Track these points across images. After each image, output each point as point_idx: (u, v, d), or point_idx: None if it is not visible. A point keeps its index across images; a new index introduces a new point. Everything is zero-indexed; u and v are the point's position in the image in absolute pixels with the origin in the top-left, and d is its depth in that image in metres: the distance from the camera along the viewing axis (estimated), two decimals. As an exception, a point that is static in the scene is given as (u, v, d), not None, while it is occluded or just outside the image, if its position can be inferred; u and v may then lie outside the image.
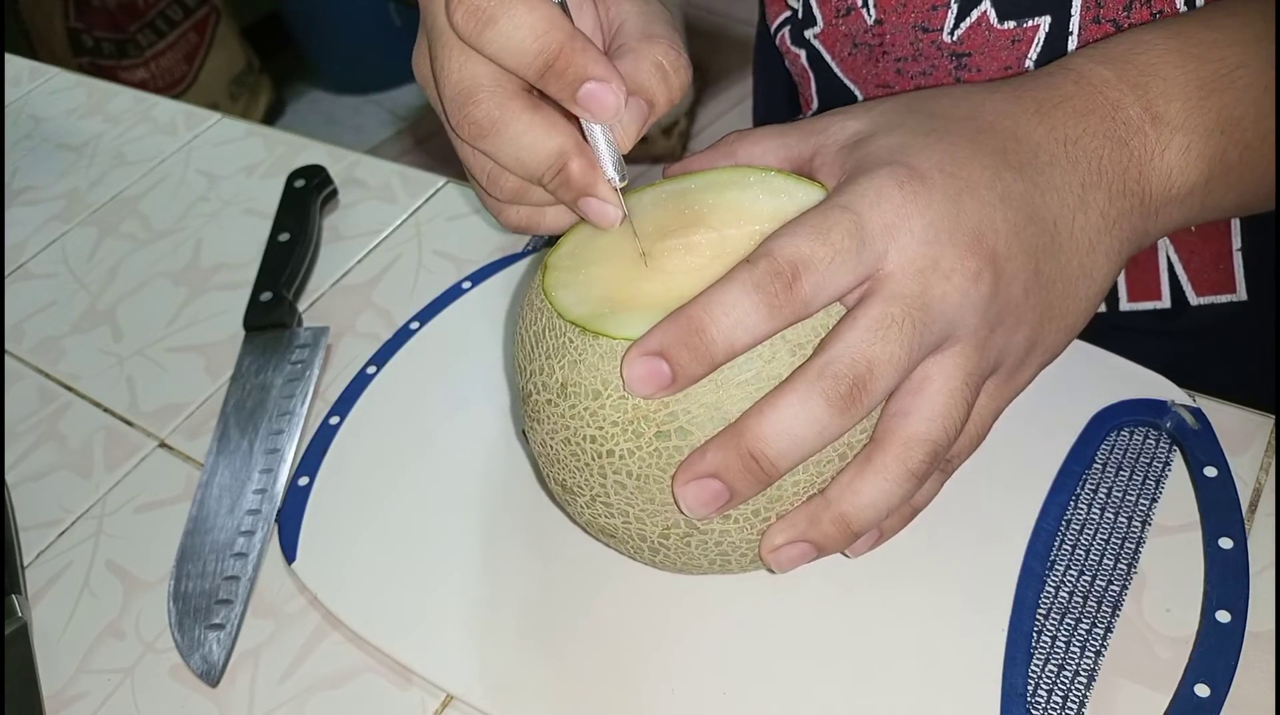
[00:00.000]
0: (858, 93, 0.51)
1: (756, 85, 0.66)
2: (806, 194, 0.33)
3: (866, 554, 0.35)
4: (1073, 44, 0.43)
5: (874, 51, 0.48)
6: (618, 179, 0.33)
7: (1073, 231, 0.33)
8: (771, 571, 0.34)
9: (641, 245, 0.33)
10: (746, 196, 0.34)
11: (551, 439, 0.33)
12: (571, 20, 0.32)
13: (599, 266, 0.33)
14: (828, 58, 0.51)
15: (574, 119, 0.33)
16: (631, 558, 0.35)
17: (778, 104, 0.61)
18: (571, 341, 0.32)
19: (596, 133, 0.32)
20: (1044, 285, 0.32)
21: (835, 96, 0.52)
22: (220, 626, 0.42)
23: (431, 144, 2.12)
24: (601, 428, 0.31)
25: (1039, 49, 0.44)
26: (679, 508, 0.31)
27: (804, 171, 0.35)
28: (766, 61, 0.61)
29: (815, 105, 0.54)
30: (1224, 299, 0.49)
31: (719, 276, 0.30)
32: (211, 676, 0.41)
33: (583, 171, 0.32)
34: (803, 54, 0.53)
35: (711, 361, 0.29)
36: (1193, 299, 0.49)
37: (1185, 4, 0.41)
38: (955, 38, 0.45)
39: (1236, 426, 0.40)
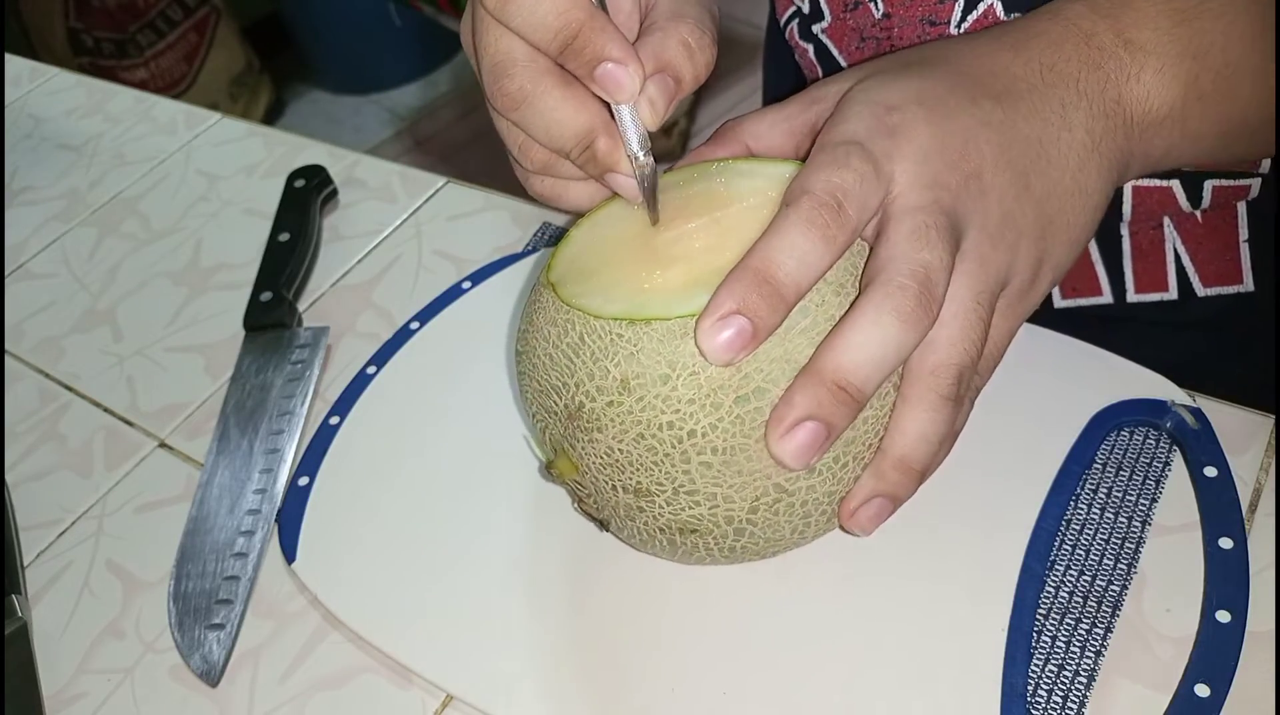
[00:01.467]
0: None
1: (766, 80, 0.66)
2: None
3: (866, 554, 0.35)
4: None
5: (881, 45, 0.48)
6: (641, 155, 0.33)
7: (1059, 148, 0.34)
8: (857, 535, 0.34)
9: (658, 215, 0.34)
10: (746, 181, 0.34)
11: (619, 442, 0.32)
12: (602, 1, 0.32)
13: (608, 271, 0.34)
14: (835, 52, 0.51)
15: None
16: (705, 558, 0.35)
17: (788, 98, 0.61)
18: (621, 336, 0.31)
19: (622, 110, 0.33)
20: (1039, 199, 0.34)
21: None
22: (220, 626, 0.42)
23: (431, 144, 2.12)
24: (678, 410, 0.31)
25: None
26: (781, 462, 0.31)
27: (810, 140, 0.36)
28: (776, 57, 0.61)
29: None
30: (1231, 290, 0.49)
31: (737, 247, 0.31)
32: (211, 676, 0.41)
33: (608, 149, 0.33)
34: (810, 48, 0.53)
35: (786, 304, 0.30)
36: (1200, 290, 0.49)
37: None
38: (962, 31, 0.46)
39: (1236, 426, 0.40)
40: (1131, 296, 0.50)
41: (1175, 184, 0.47)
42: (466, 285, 0.53)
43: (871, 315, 0.30)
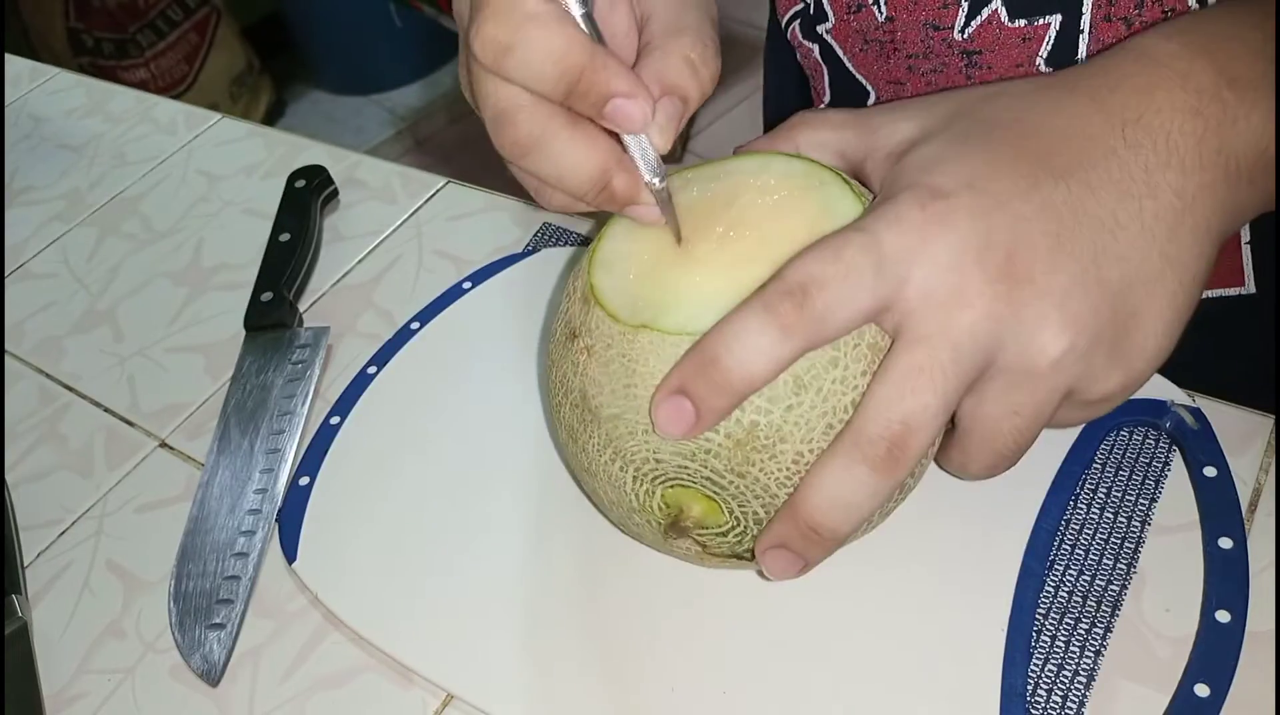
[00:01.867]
0: (870, 88, 0.51)
1: (767, 78, 0.66)
2: (850, 207, 0.33)
3: (865, 554, 0.36)
4: (1084, 42, 0.43)
5: (885, 48, 0.48)
6: (656, 182, 0.33)
7: (1142, 221, 0.30)
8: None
9: (680, 231, 0.34)
10: (794, 200, 0.33)
11: (808, 443, 0.31)
12: (596, 30, 0.31)
13: (671, 290, 0.33)
14: (840, 53, 0.51)
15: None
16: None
17: (789, 97, 0.61)
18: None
19: (629, 140, 0.32)
20: (1117, 293, 0.30)
21: (848, 90, 0.52)
22: (221, 626, 0.42)
23: (431, 144, 2.13)
24: (855, 385, 0.31)
25: (1050, 47, 0.44)
26: (763, 574, 0.32)
27: (856, 171, 0.35)
28: (778, 55, 0.60)
29: (828, 98, 0.54)
30: (1232, 292, 0.49)
31: (728, 281, 0.31)
32: (212, 676, 0.41)
33: (626, 187, 0.33)
34: (815, 48, 0.53)
35: (732, 392, 0.29)
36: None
37: (1198, 2, 0.41)
38: (966, 35, 0.45)
39: (1236, 426, 0.40)
40: None
41: None
42: (467, 285, 0.53)
43: (843, 460, 0.29)
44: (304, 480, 0.46)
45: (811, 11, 0.52)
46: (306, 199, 0.59)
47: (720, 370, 0.29)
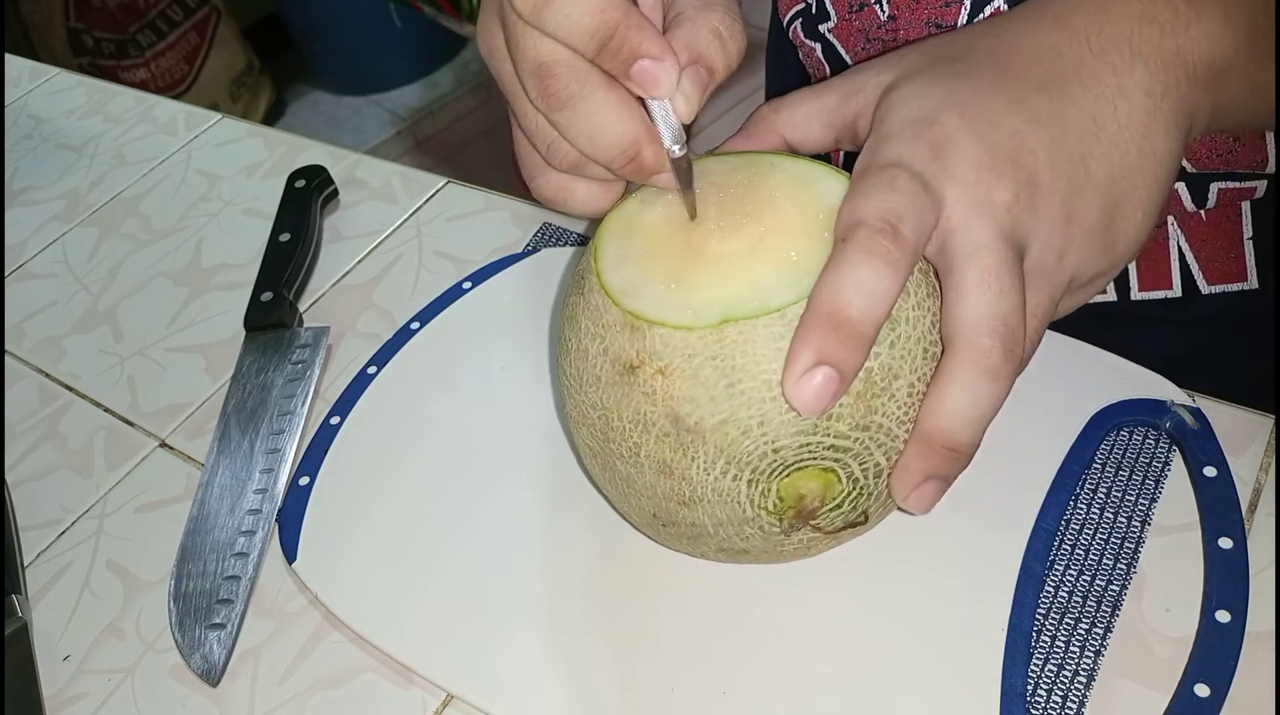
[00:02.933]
0: None
1: (769, 78, 0.66)
2: (840, 183, 0.33)
3: (866, 553, 0.36)
4: None
5: (888, 47, 0.48)
6: (676, 149, 0.33)
7: (1118, 120, 0.33)
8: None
9: (694, 206, 0.34)
10: (786, 186, 0.34)
11: (911, 397, 0.31)
12: None
13: (689, 285, 0.32)
14: (842, 52, 0.51)
15: None
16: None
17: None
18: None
19: (655, 105, 0.33)
20: (1104, 183, 0.33)
21: None
22: (221, 626, 0.42)
23: (431, 144, 2.13)
24: (933, 337, 0.32)
25: None
26: (906, 510, 0.32)
27: (849, 132, 0.36)
28: (779, 54, 0.60)
29: None
30: (1235, 288, 0.49)
31: (760, 265, 0.31)
32: (212, 676, 0.41)
33: (654, 158, 0.33)
34: (817, 47, 0.53)
35: (866, 341, 0.29)
36: (1204, 287, 0.49)
37: None
38: None
39: (1236, 426, 0.40)
40: (1135, 294, 0.50)
41: (1181, 186, 0.47)
42: (467, 285, 0.53)
43: (966, 378, 0.30)
44: (304, 480, 0.46)
45: (813, 11, 0.52)
46: (306, 199, 0.59)
47: (851, 323, 0.29)
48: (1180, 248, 0.49)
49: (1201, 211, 0.48)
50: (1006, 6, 0.44)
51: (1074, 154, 0.32)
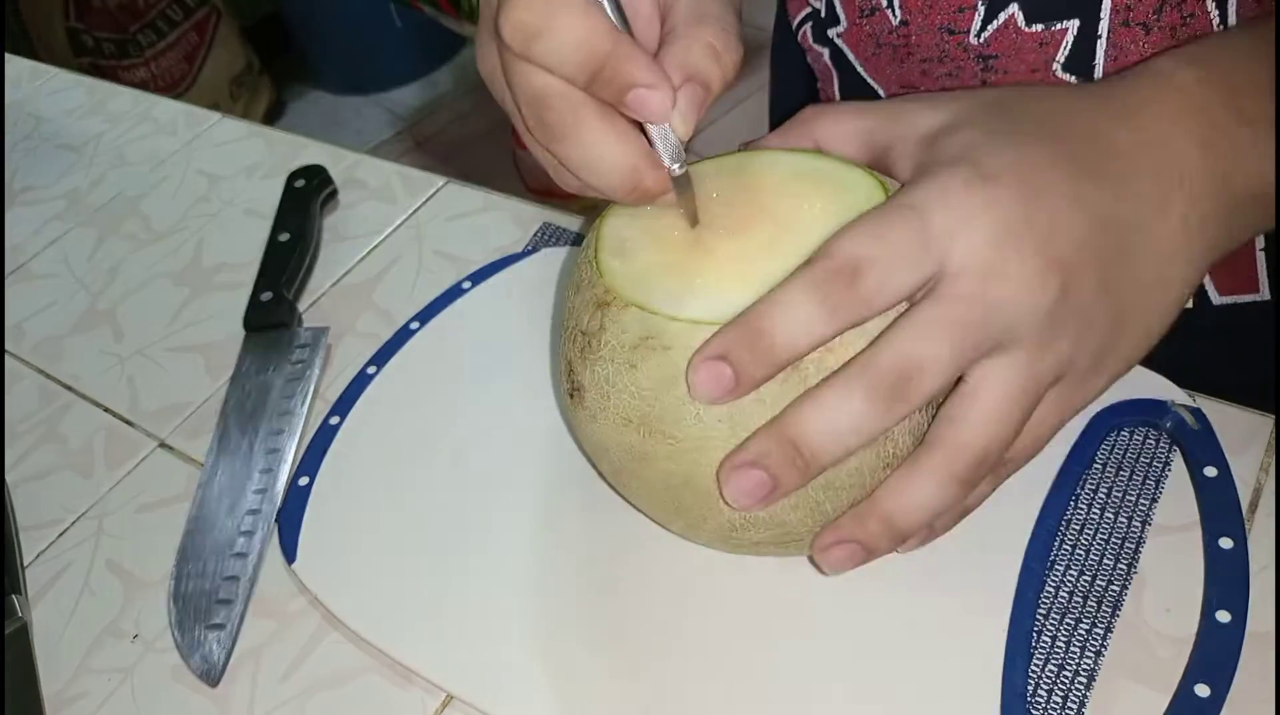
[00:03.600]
0: (881, 92, 0.51)
1: (774, 80, 0.66)
2: (871, 193, 0.33)
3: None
4: (1101, 47, 0.43)
5: (899, 52, 0.48)
6: (676, 168, 0.33)
7: (1150, 239, 0.32)
8: (823, 573, 0.34)
9: (698, 218, 0.34)
10: (810, 187, 0.34)
11: None
12: (623, 16, 0.32)
13: (706, 287, 0.33)
14: (852, 57, 0.51)
15: None
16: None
17: (797, 99, 0.61)
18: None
19: (651, 127, 0.33)
20: (1115, 292, 0.32)
21: (858, 94, 0.52)
22: (220, 626, 0.42)
23: (431, 144, 2.12)
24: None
25: (1067, 52, 0.44)
26: (724, 498, 0.31)
27: (881, 160, 0.35)
28: (785, 57, 0.60)
29: (838, 101, 0.54)
30: (1246, 299, 0.49)
31: (766, 272, 0.31)
32: (211, 676, 0.41)
33: (656, 183, 0.33)
34: (826, 52, 0.52)
35: (774, 363, 0.30)
36: (1215, 298, 0.49)
37: (1216, 6, 0.41)
38: (982, 40, 0.45)
39: (1237, 426, 0.40)
40: None
41: None
42: (466, 285, 0.53)
43: (842, 387, 0.29)
44: (303, 480, 0.46)
45: (823, 15, 0.51)
46: (306, 199, 0.59)
47: (765, 341, 0.29)
48: None
49: None
50: (1021, 15, 0.44)
51: (1104, 252, 0.31)
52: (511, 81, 0.33)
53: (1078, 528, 0.38)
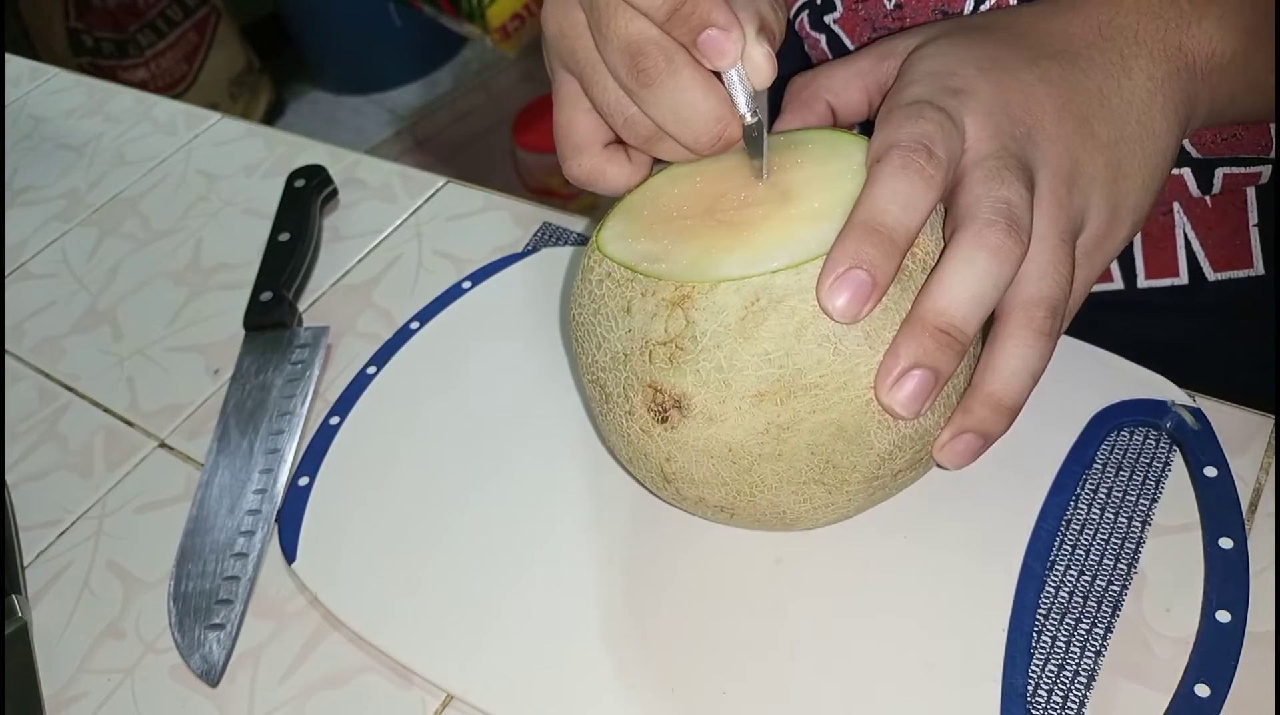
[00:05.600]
0: None
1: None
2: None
3: (865, 554, 0.36)
4: None
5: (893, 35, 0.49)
6: (749, 116, 0.34)
7: (1121, 95, 0.35)
8: (945, 468, 0.34)
9: (765, 169, 0.35)
10: (805, 156, 0.35)
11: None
12: None
13: (682, 241, 0.33)
14: (848, 42, 0.51)
15: None
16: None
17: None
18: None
19: (731, 72, 0.34)
20: (1106, 145, 0.34)
21: None
22: (220, 626, 0.42)
23: (431, 144, 2.12)
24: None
25: None
26: (892, 412, 0.31)
27: (881, 97, 0.37)
28: (785, 48, 0.60)
29: None
30: (1241, 274, 0.49)
31: (800, 222, 0.32)
32: (211, 676, 0.41)
33: (737, 133, 0.34)
34: (822, 38, 0.53)
35: (900, 249, 0.30)
36: (1210, 275, 0.49)
37: None
38: None
39: (1236, 426, 0.40)
40: (1142, 282, 0.50)
41: (1186, 171, 0.47)
42: (466, 285, 0.53)
43: (965, 254, 0.30)
44: (303, 480, 0.46)
45: (819, 2, 0.52)
46: (306, 199, 0.59)
47: (886, 231, 0.30)
48: (1186, 235, 0.49)
49: (1207, 198, 0.48)
50: None
51: (1080, 112, 0.34)
52: (605, 29, 0.34)
53: (1078, 528, 0.38)
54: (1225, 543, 0.36)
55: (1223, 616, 0.34)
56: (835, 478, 0.33)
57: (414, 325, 0.51)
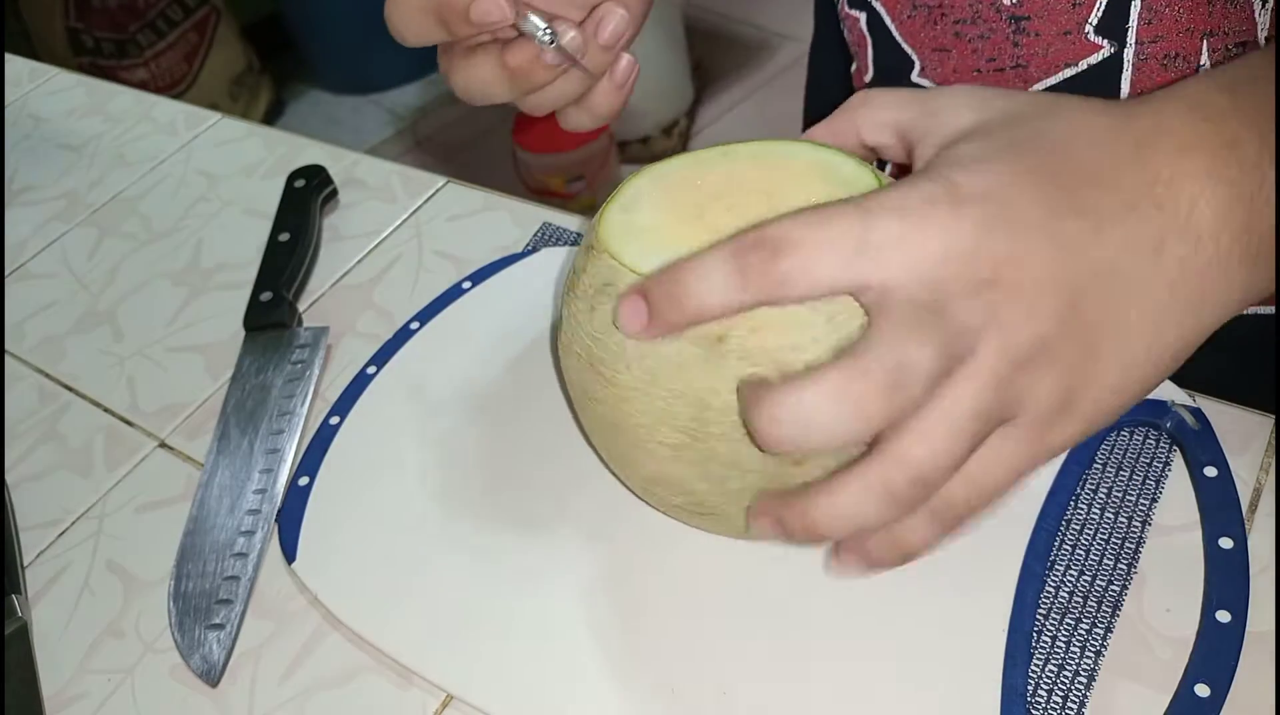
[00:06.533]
0: (915, 57, 0.51)
1: (811, 78, 0.66)
2: (855, 169, 0.35)
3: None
4: (1135, 9, 0.43)
5: (933, 13, 0.49)
6: (547, 40, 0.37)
7: (1135, 280, 0.29)
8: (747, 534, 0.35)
9: (596, 74, 0.39)
10: (816, 179, 0.35)
11: None
12: None
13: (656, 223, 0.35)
14: (888, 20, 0.51)
15: None
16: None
17: (832, 97, 0.61)
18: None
19: (524, 21, 0.37)
20: (1087, 328, 0.29)
21: (891, 60, 0.52)
22: (220, 626, 0.42)
23: (431, 144, 2.12)
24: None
25: (1100, 14, 0.43)
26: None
27: (910, 151, 0.35)
28: (823, 56, 0.60)
29: (870, 74, 0.54)
30: (1266, 312, 0.48)
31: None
32: (211, 676, 0.41)
33: (522, 61, 0.37)
34: (863, 16, 0.53)
35: (684, 314, 0.30)
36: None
37: None
38: (1014, 1, 0.45)
39: (1237, 426, 0.40)
40: None
41: None
42: (466, 285, 0.53)
43: (838, 382, 0.27)
44: (303, 480, 0.46)
45: None
46: (306, 199, 0.59)
47: (679, 290, 0.30)
48: None
49: None
50: None
51: (1072, 284, 0.29)
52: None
53: (1078, 528, 0.38)
54: (1225, 543, 0.36)
55: (1223, 616, 0.34)
56: (619, 464, 0.37)
57: (414, 325, 0.51)
